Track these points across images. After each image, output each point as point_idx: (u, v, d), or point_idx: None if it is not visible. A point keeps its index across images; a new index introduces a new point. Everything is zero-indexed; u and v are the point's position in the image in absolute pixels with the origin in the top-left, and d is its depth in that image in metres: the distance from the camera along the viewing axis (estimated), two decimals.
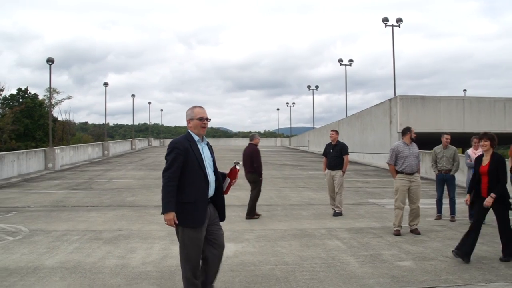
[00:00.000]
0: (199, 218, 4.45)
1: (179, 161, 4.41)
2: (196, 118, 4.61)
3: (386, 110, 26.72)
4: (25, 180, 19.96)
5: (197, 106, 4.76)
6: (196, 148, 4.54)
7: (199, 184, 4.46)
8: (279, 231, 8.57)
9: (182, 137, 4.64)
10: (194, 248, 4.48)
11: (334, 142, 10.33)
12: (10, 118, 59.62)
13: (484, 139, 6.64)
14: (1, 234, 8.49)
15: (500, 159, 6.53)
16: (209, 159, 4.65)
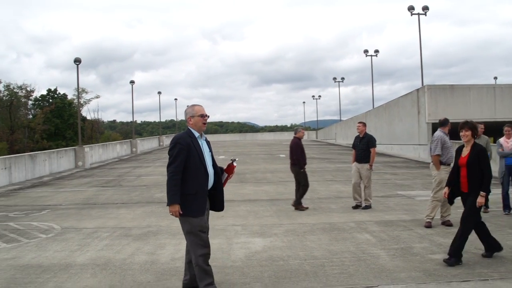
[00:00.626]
0: (200, 208, 4.78)
1: (182, 156, 4.73)
2: (198, 115, 4.93)
3: (414, 100, 26.25)
4: (56, 178, 20.36)
5: (196, 104, 5.10)
6: (197, 143, 4.87)
7: (200, 177, 4.79)
8: (307, 225, 8.51)
9: (184, 133, 4.95)
10: (200, 235, 4.77)
11: (362, 134, 10.20)
12: (41, 118, 60.97)
13: (465, 128, 6.13)
14: (34, 232, 8.67)
15: (480, 150, 6.02)
16: (208, 154, 4.98)
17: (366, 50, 44.07)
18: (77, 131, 33.15)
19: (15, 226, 9.30)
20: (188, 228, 4.77)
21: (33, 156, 21.31)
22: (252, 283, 5.29)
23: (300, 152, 10.30)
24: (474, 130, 6.16)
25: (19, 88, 63.51)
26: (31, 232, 8.66)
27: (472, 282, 5.17)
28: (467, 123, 6.19)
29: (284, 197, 12.16)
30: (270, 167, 21.84)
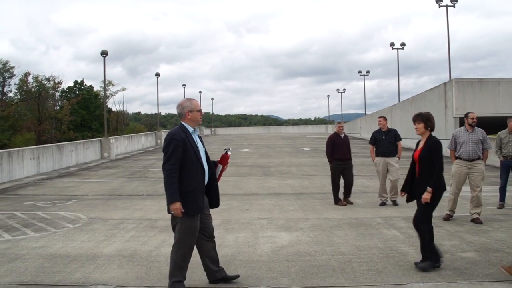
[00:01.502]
0: (198, 206, 4.70)
1: (178, 152, 4.63)
2: (196, 110, 4.87)
3: (441, 94, 25.74)
4: (82, 169, 20.65)
5: (193, 98, 5.03)
6: (191, 139, 4.78)
7: (196, 174, 4.71)
8: (333, 220, 8.42)
9: (178, 128, 4.83)
10: (189, 236, 4.73)
11: (385, 129, 10.00)
12: (68, 109, 61.92)
13: (417, 121, 5.77)
14: (61, 221, 8.78)
15: (433, 143, 5.62)
16: (202, 149, 4.88)
17: (393, 43, 43.48)
18: (103, 122, 33.54)
19: (43, 216, 9.44)
20: (182, 227, 4.70)
21: (60, 147, 21.65)
22: (279, 278, 5.23)
23: (328, 147, 10.21)
24: (427, 122, 5.73)
25: (47, 80, 64.62)
26: (59, 221, 8.77)
27: (506, 282, 5.01)
28: (419, 115, 5.80)
29: (309, 191, 12.08)
30: (295, 160, 21.72)
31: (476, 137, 8.13)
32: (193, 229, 4.72)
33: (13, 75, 62.44)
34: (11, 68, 62.17)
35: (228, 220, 8.51)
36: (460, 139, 8.19)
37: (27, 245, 7.00)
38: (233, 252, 6.30)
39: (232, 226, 7.94)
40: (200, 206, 4.71)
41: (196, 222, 4.72)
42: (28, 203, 11.31)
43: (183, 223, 4.68)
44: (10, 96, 64.07)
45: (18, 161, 17.43)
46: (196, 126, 4.92)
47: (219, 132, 72.55)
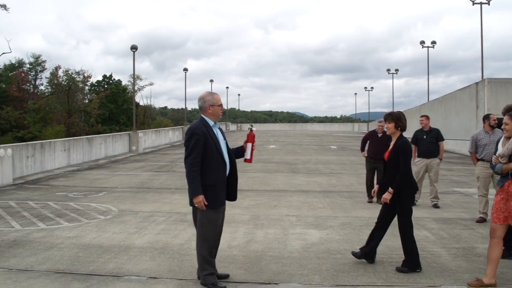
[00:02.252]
0: (220, 199, 4.80)
1: (199, 146, 4.66)
2: (217, 105, 4.88)
3: (473, 94, 25.26)
4: (111, 162, 20.97)
5: (215, 92, 5.02)
6: (212, 132, 4.80)
7: (218, 167, 4.75)
8: (363, 218, 8.35)
9: (198, 122, 4.85)
10: (212, 228, 4.79)
11: (427, 128, 9.81)
12: (97, 103, 62.90)
13: (388, 120, 5.60)
14: (93, 212, 8.94)
15: (402, 144, 5.49)
16: (223, 142, 4.90)
17: (423, 41, 42.77)
18: (130, 116, 33.97)
19: (75, 206, 9.63)
20: (204, 219, 4.77)
21: (90, 140, 22.03)
22: (311, 275, 5.23)
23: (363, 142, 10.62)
24: (398, 122, 5.54)
25: (77, 73, 65.75)
26: (90, 212, 8.94)
27: None
28: (390, 115, 5.64)
29: (337, 189, 12.01)
30: (322, 158, 21.63)
31: (497, 138, 8.04)
32: (215, 221, 4.79)
33: (44, 68, 63.91)
34: (43, 62, 63.59)
35: (257, 216, 8.54)
36: (482, 141, 8.13)
37: (61, 235, 7.16)
38: (263, 248, 6.32)
39: (262, 222, 7.96)
40: (221, 199, 4.82)
41: (218, 215, 4.81)
42: (60, 194, 11.56)
43: (205, 216, 4.74)
44: (41, 89, 65.56)
45: (50, 153, 17.81)
46: (216, 120, 4.94)
47: (245, 128, 72.68)
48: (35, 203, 10.11)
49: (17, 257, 5.99)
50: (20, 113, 53.25)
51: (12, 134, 51.04)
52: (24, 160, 15.91)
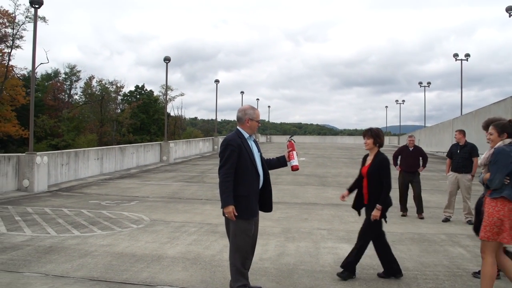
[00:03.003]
0: (252, 210, 4.79)
1: (234, 157, 4.72)
2: (256, 120, 4.97)
3: (508, 108, 24.62)
4: (143, 171, 21.23)
5: (256, 108, 5.07)
6: (247, 144, 4.85)
7: (251, 179, 4.79)
8: (395, 234, 8.21)
9: (234, 134, 4.92)
10: (244, 239, 4.79)
11: (462, 143, 9.62)
12: (129, 113, 64.03)
13: (367, 136, 5.70)
14: (125, 221, 9.05)
15: (382, 160, 5.60)
16: (257, 154, 4.95)
17: (456, 54, 42.02)
18: (161, 126, 34.36)
19: (108, 215, 9.78)
20: (236, 230, 4.79)
21: (123, 149, 22.38)
22: None
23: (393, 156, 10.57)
24: (376, 138, 5.65)
25: (110, 84, 67.18)
26: (123, 221, 9.05)
27: None
28: (369, 131, 5.73)
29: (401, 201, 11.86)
30: (352, 171, 21.38)
31: None
32: (248, 231, 4.79)
33: (79, 78, 65.60)
34: (78, 72, 65.24)
35: (288, 229, 8.49)
36: None
37: (95, 242, 7.27)
38: (295, 261, 6.27)
39: (293, 235, 7.92)
40: (254, 210, 4.81)
41: (250, 226, 4.80)
42: (93, 202, 11.76)
43: (237, 227, 4.77)
44: (75, 99, 67.26)
45: (84, 161, 18.17)
46: (252, 133, 4.99)
47: (274, 140, 72.64)
48: (69, 210, 10.31)
49: (53, 263, 6.11)
50: (54, 122, 54.70)
51: (47, 142, 52.42)
52: (59, 168, 16.28)
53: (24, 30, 50.10)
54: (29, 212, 10.17)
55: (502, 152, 4.61)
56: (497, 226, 4.56)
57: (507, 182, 4.56)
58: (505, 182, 4.56)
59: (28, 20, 48.51)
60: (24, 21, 49.50)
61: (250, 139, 4.96)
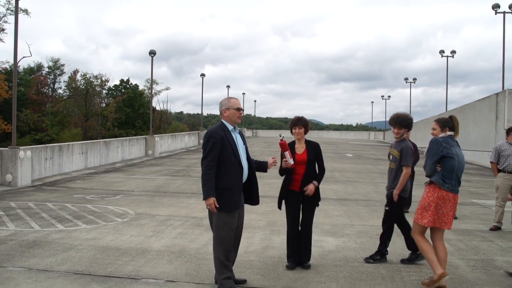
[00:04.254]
0: (234, 203, 4.79)
1: (216, 149, 4.73)
2: (233, 108, 4.91)
3: (492, 105, 24.97)
4: (128, 165, 21.13)
5: (232, 97, 5.10)
6: (230, 137, 4.85)
7: (234, 171, 4.78)
8: (380, 227, 8.19)
9: (217, 126, 4.94)
10: (227, 232, 4.79)
11: None
12: (114, 107, 63.56)
13: (299, 126, 5.83)
14: (110, 215, 9.02)
15: (317, 146, 5.91)
16: (242, 147, 4.95)
17: (442, 51, 42.36)
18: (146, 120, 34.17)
19: (92, 209, 9.73)
20: (219, 222, 4.79)
21: (107, 143, 22.23)
22: (328, 283, 5.21)
23: None
24: (307, 126, 5.88)
25: (94, 78, 66.58)
26: (108, 215, 9.02)
27: None
28: (301, 120, 5.88)
29: (353, 198, 11.96)
30: (338, 166, 21.53)
31: None
32: (231, 224, 4.80)
33: (63, 72, 64.84)
34: (61, 65, 64.47)
35: (274, 222, 8.53)
36: (505, 152, 8.27)
37: (79, 236, 7.24)
38: (280, 254, 6.30)
39: (278, 228, 7.95)
40: (236, 202, 4.81)
41: (233, 218, 4.81)
42: (77, 196, 11.68)
43: (220, 219, 4.78)
44: (59, 93, 66.48)
45: (68, 155, 18.01)
46: (234, 124, 4.96)
47: (260, 134, 72.76)
48: (53, 205, 10.23)
49: (36, 257, 6.07)
50: (38, 116, 54.05)
51: (31, 136, 51.83)
52: (43, 162, 16.12)
53: (5, 23, 49.49)
54: (13, 207, 10.07)
55: (435, 141, 5.08)
56: (426, 210, 5.04)
57: (439, 169, 5.00)
58: (437, 169, 5.01)
59: (10, 13, 47.88)
60: (5, 14, 48.89)
61: (235, 131, 4.97)
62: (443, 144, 5.01)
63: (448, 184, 4.96)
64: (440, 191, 4.96)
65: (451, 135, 5.17)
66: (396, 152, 6.07)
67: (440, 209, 4.98)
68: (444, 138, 5.10)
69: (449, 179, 4.97)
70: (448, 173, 4.97)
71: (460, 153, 5.12)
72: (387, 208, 6.16)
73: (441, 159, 4.99)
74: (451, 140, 5.11)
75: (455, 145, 5.12)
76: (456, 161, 4.98)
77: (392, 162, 6.16)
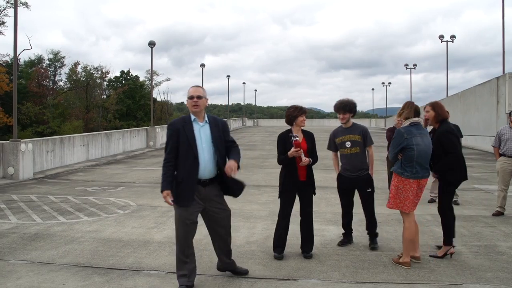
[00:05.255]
0: (185, 198, 4.54)
1: (173, 141, 4.56)
2: (188, 97, 4.65)
3: (493, 89, 24.85)
4: (129, 157, 21.13)
5: (194, 85, 4.78)
6: (189, 128, 4.58)
7: (187, 165, 4.53)
8: (381, 215, 8.26)
9: (179, 117, 4.75)
10: (182, 227, 4.61)
11: None
12: (114, 98, 63.44)
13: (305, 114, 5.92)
14: (112, 207, 9.02)
15: (312, 135, 5.98)
16: (206, 139, 4.62)
17: (442, 36, 42.13)
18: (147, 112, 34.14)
19: (94, 201, 9.73)
20: (175, 216, 4.71)
21: (109, 135, 22.22)
22: (330, 272, 5.20)
23: None
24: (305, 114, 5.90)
25: (95, 69, 66.38)
26: (109, 207, 9.02)
27: None
28: (304, 109, 5.89)
29: None
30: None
31: None
32: (184, 219, 4.59)
33: (63, 64, 64.62)
34: (62, 58, 64.27)
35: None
36: (505, 136, 8.34)
37: (81, 229, 7.24)
38: None
39: None
40: (187, 197, 4.55)
41: (186, 213, 4.58)
42: (79, 188, 11.69)
43: (175, 213, 4.68)
44: (60, 85, 66.34)
45: (69, 148, 18.01)
46: (197, 114, 4.65)
47: (261, 123, 72.71)
48: (55, 197, 10.24)
49: (38, 250, 6.08)
50: (39, 109, 53.98)
51: (32, 129, 51.82)
52: (44, 155, 16.12)
53: (5, 16, 49.32)
54: (14, 199, 10.08)
55: (397, 133, 5.43)
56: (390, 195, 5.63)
57: (400, 157, 5.41)
58: (399, 157, 5.42)
59: (10, 6, 47.69)
60: (5, 7, 48.68)
61: (202, 122, 4.66)
62: (405, 135, 5.31)
63: (408, 172, 5.34)
64: (399, 178, 5.41)
65: (415, 123, 5.42)
66: (357, 136, 6.26)
67: (401, 193, 5.42)
68: (406, 129, 5.39)
69: (410, 167, 5.33)
70: (407, 162, 5.34)
71: (423, 141, 5.35)
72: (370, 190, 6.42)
73: (402, 149, 5.36)
74: (414, 129, 5.37)
75: (418, 134, 5.36)
76: (415, 150, 5.30)
77: (353, 148, 6.30)
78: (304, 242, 5.80)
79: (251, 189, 11.42)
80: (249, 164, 16.91)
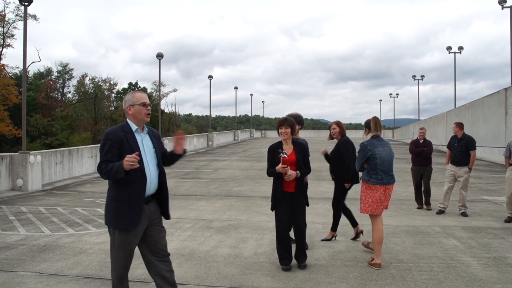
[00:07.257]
0: (133, 219, 3.87)
1: (112, 153, 3.84)
2: (139, 104, 4.01)
3: (501, 100, 24.76)
4: None
5: (137, 91, 4.29)
6: (132, 139, 3.94)
7: (134, 181, 3.86)
8: (389, 226, 8.26)
9: (118, 126, 4.03)
10: (122, 252, 4.00)
11: (459, 136, 9.64)
12: (122, 110, 63.74)
13: (285, 126, 5.73)
14: None
15: (303, 144, 5.97)
16: (150, 151, 4.06)
17: (450, 47, 42.12)
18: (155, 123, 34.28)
19: (102, 212, 9.73)
20: (114, 240, 3.98)
21: None
22: (338, 283, 5.19)
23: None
24: (293, 127, 5.81)
25: (103, 81, 66.96)
26: None
27: None
28: (286, 121, 5.78)
29: None
30: None
31: None
32: (128, 245, 3.99)
33: (72, 77, 65.29)
34: (70, 70, 64.93)
35: None
36: None
37: (89, 240, 7.27)
38: None
39: None
40: (134, 219, 3.87)
41: (130, 237, 3.95)
42: (87, 200, 11.75)
43: (116, 237, 3.95)
44: (68, 97, 66.92)
45: (78, 159, 18.12)
46: (142, 123, 4.09)
47: (269, 135, 72.69)
48: (63, 209, 10.30)
49: (47, 261, 6.11)
50: (48, 121, 54.47)
51: (41, 141, 52.23)
52: (53, 167, 16.23)
53: (14, 29, 49.91)
54: (23, 211, 10.15)
55: (362, 147, 5.95)
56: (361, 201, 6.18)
57: (366, 167, 5.97)
58: (365, 166, 5.99)
59: (19, 19, 48.37)
60: (14, 20, 49.32)
61: (144, 133, 4.09)
62: (368, 147, 5.90)
63: (374, 179, 5.90)
64: (367, 184, 5.99)
65: (376, 135, 6.00)
66: None
67: (369, 198, 6.02)
68: (369, 141, 5.97)
69: (375, 175, 5.89)
70: (372, 170, 5.91)
71: (384, 150, 5.94)
72: None
73: (367, 160, 5.93)
74: (375, 141, 5.97)
75: (379, 144, 5.95)
76: (378, 159, 5.88)
77: None
78: (297, 253, 5.85)
79: (258, 200, 11.44)
80: (257, 176, 16.93)
